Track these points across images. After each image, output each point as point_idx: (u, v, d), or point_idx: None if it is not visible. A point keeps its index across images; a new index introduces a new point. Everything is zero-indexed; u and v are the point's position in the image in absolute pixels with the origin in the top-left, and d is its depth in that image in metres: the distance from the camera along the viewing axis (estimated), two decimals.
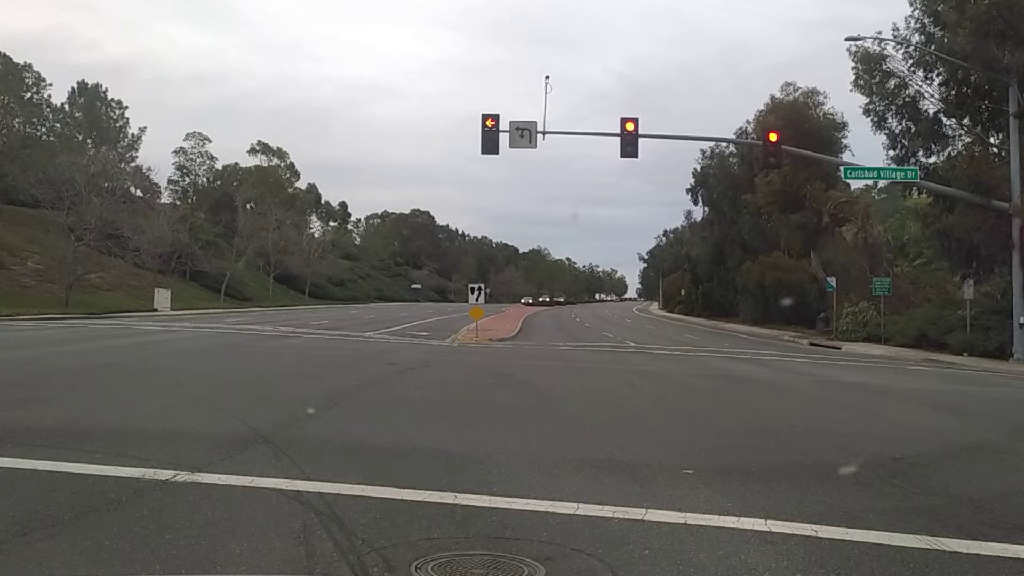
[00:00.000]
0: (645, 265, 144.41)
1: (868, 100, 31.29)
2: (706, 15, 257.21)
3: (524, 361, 19.32)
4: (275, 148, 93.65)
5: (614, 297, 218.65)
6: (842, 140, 43.22)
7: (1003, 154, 27.88)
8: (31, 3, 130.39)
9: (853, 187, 45.83)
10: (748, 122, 48.73)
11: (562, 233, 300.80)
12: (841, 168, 32.75)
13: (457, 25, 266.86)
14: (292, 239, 75.27)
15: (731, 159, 58.19)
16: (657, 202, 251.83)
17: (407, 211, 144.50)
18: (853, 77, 31.20)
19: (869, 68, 30.61)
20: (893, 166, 31.02)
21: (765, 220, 48.61)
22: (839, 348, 31.07)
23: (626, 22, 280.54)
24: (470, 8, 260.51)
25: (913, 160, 30.80)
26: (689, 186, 65.83)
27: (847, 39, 29.60)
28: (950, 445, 8.79)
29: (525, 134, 25.73)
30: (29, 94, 63.47)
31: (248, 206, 71.11)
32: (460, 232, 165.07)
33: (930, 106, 30.57)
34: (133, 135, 76.58)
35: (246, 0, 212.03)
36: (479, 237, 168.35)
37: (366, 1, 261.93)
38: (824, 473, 6.99)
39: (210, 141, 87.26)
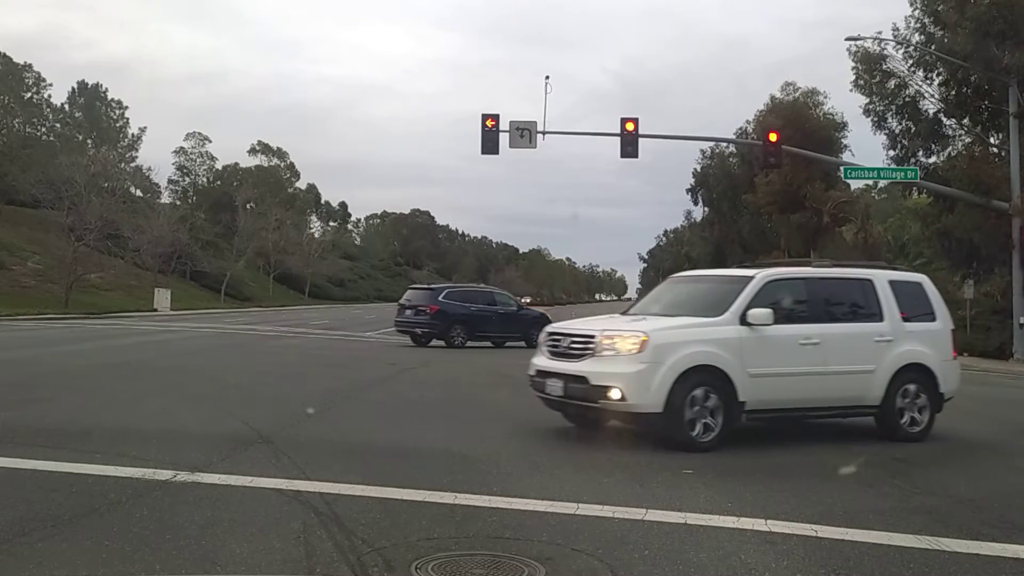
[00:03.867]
0: (645, 265, 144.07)
1: (868, 100, 31.27)
2: (704, 14, 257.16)
3: (525, 361, 19.26)
4: (275, 148, 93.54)
5: (614, 297, 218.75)
6: (842, 140, 43.22)
7: (1003, 154, 27.87)
8: (31, 3, 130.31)
9: (853, 187, 45.75)
10: (748, 122, 48.72)
11: (562, 233, 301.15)
12: (841, 168, 32.69)
13: (455, 24, 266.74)
14: (292, 239, 75.14)
15: (731, 159, 58.09)
16: (657, 202, 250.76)
17: (407, 211, 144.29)
18: (853, 77, 31.18)
19: (869, 68, 30.59)
20: (893, 166, 30.98)
21: (765, 220, 48.55)
22: None
23: (623, 21, 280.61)
24: (467, 7, 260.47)
25: (913, 160, 30.77)
26: (689, 186, 65.61)
27: (847, 39, 29.56)
28: (950, 445, 8.79)
29: (525, 134, 25.68)
30: (29, 94, 63.41)
31: (248, 206, 70.98)
32: (460, 232, 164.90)
33: (930, 106, 30.58)
34: (133, 135, 76.61)
35: (244, 0, 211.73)
36: (479, 237, 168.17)
37: (364, 1, 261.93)
38: (824, 473, 6.99)
39: (210, 141, 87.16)
